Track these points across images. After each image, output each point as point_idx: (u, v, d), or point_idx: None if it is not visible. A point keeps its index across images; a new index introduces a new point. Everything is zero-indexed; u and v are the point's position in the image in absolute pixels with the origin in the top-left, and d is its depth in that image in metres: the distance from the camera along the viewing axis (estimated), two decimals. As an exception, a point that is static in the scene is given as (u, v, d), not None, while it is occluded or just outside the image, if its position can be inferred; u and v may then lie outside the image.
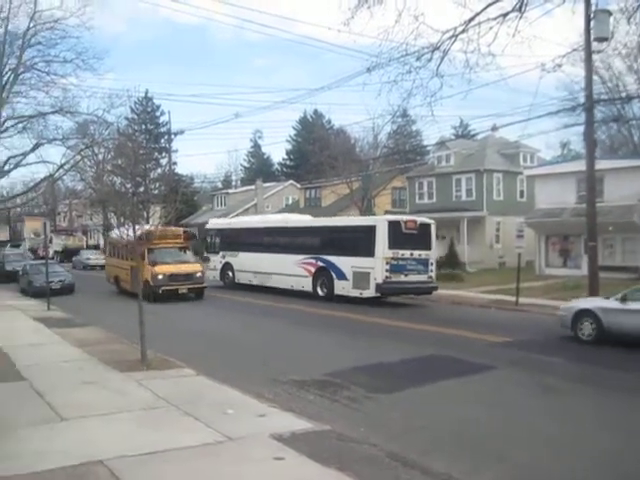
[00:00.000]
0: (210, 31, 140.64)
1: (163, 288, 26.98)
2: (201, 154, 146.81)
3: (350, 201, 41.70)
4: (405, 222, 25.78)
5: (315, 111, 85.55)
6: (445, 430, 9.42)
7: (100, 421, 9.29)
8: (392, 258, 24.49)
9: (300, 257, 27.95)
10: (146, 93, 73.19)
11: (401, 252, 24.80)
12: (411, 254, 24.98)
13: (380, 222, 25.68)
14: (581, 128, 25.64)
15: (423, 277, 25.65)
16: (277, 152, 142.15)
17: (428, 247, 25.95)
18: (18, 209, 73.31)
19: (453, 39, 18.70)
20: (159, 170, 65.94)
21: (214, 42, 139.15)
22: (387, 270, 24.43)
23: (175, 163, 70.22)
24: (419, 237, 25.69)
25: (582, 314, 17.25)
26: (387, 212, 49.74)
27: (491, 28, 18.14)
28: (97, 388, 11.38)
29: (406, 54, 18.80)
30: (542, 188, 39.13)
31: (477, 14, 18.27)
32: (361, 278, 25.09)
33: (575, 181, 34.61)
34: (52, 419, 9.41)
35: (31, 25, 43.05)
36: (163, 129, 72.88)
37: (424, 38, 18.69)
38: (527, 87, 65.32)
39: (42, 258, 37.75)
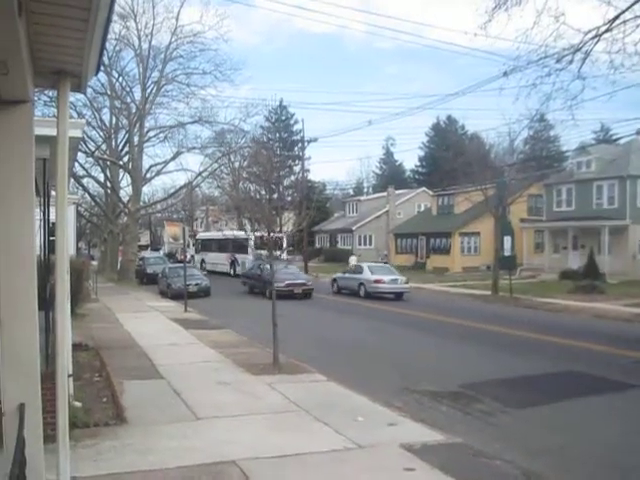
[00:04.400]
0: (343, 40, 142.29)
1: None
2: (333, 161, 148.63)
3: (484, 208, 40.59)
4: (264, 236, 40.74)
5: (448, 117, 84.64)
6: (586, 451, 8.89)
7: (233, 422, 9.48)
8: (260, 254, 42.74)
9: (225, 254, 48.97)
10: (281, 102, 75.09)
11: (262, 251, 41.87)
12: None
13: (251, 236, 41.99)
14: None
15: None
16: (409, 159, 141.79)
17: (281, 249, 45.52)
18: (158, 214, 76.89)
19: (596, 39, 17.91)
20: (292, 177, 67.27)
21: (347, 51, 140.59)
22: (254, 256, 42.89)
23: (308, 170, 71.22)
24: (275, 244, 39.34)
25: (334, 280, 35.31)
26: (522, 220, 48.23)
27: (638, 26, 17.21)
28: (230, 389, 11.65)
29: (545, 56, 18.23)
30: (693, 195, 36.63)
31: (623, 12, 17.41)
32: (244, 265, 44.47)
33: None
34: (188, 417, 9.71)
35: (172, 40, 45.45)
36: (297, 137, 74.27)
37: (564, 39, 18.07)
38: (676, 88, 61.36)
39: (180, 262, 39.50)
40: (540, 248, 48.39)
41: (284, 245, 47.65)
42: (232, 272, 47.84)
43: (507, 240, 33.51)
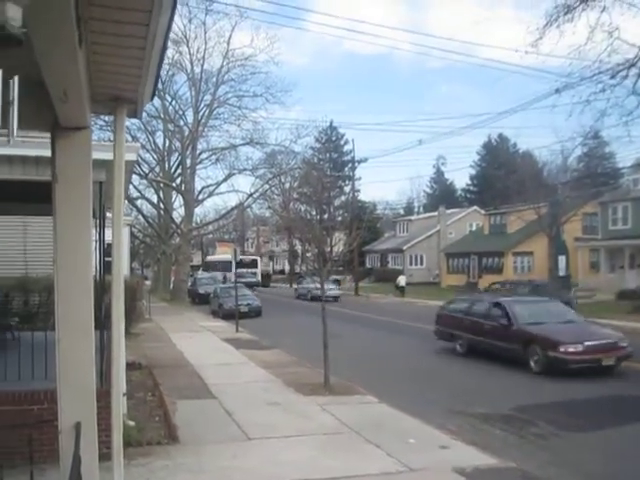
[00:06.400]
0: (392, 60, 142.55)
1: None
2: (384, 181, 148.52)
3: (538, 227, 40.05)
4: (243, 259, 61.13)
5: (500, 135, 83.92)
6: (645, 476, 8.64)
7: (284, 443, 9.48)
8: (238, 271, 48.50)
9: (220, 273, 56.29)
10: (331, 123, 75.39)
11: (241, 270, 53.46)
12: (247, 270, 60.34)
13: (233, 258, 54.00)
14: None
15: (254, 279, 59.99)
16: (460, 178, 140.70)
17: (256, 267, 65.13)
18: (210, 235, 77.81)
19: (652, 54, 17.59)
20: (343, 197, 67.42)
21: (396, 71, 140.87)
22: (235, 276, 50.28)
23: (358, 190, 71.29)
24: (252, 264, 64.60)
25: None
26: (577, 239, 47.39)
27: (695, 41, 16.86)
28: (281, 410, 11.66)
29: (599, 72, 18.02)
30: None
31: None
32: (230, 278, 49.70)
33: None
34: (240, 437, 9.75)
35: (224, 63, 46.15)
36: (347, 157, 74.44)
37: (619, 54, 17.83)
38: None
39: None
40: (595, 268, 47.34)
41: (258, 267, 65.85)
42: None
43: (561, 259, 33.02)
